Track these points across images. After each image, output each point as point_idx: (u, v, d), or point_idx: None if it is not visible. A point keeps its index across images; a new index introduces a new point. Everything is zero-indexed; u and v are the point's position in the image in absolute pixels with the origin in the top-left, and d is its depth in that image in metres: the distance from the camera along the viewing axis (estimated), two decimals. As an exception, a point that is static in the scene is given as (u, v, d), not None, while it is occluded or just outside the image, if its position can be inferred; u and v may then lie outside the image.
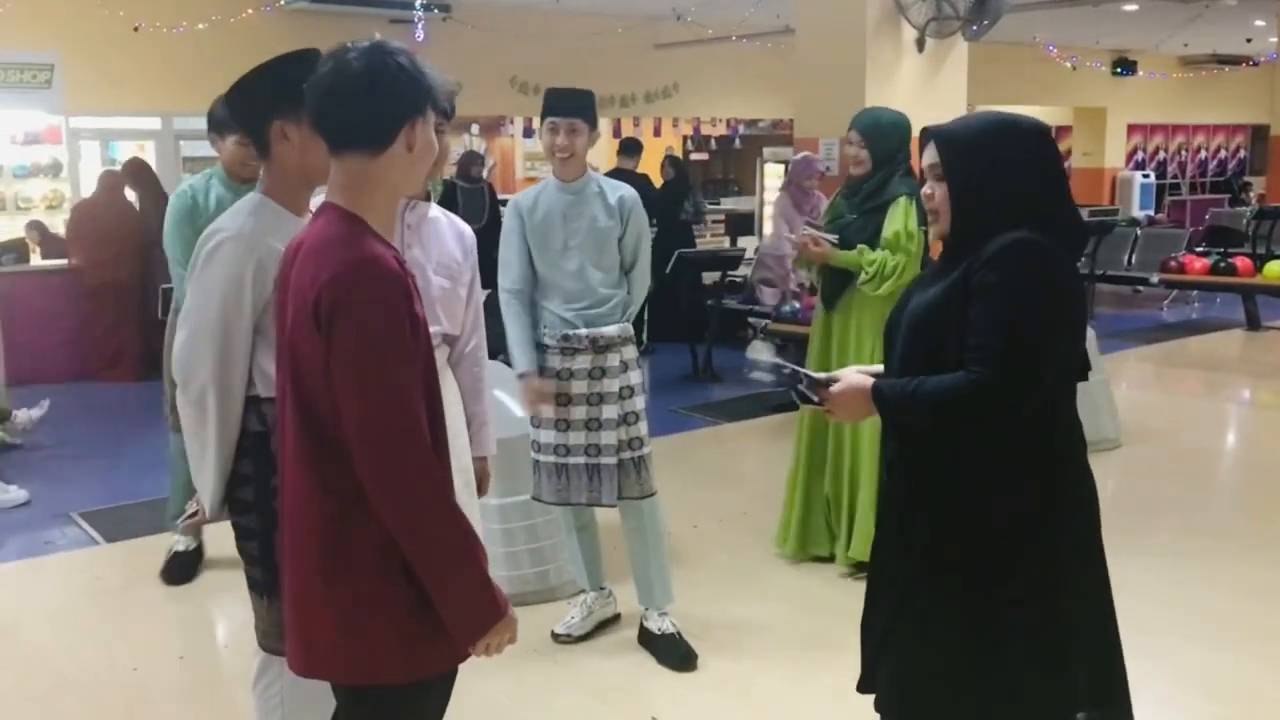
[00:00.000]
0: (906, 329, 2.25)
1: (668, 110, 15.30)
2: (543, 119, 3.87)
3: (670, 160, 12.06)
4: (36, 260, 9.21)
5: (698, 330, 9.21)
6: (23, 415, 6.79)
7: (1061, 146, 20.92)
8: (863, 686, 2.36)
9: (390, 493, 1.93)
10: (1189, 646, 4.07)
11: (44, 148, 10.42)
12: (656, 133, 16.04)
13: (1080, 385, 6.33)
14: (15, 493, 5.88)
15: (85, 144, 10.85)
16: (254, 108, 2.47)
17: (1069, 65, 16.70)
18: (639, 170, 10.02)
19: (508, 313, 3.95)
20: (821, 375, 2.36)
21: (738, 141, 18.21)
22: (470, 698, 3.63)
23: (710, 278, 10.13)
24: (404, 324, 1.95)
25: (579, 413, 3.87)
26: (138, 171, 9.13)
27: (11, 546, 5.31)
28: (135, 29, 9.92)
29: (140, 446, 6.79)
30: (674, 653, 3.93)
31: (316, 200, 2.33)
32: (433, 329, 2.95)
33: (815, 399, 2.34)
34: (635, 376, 3.97)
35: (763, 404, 7.97)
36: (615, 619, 4.23)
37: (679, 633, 3.99)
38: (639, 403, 3.96)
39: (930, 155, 2.25)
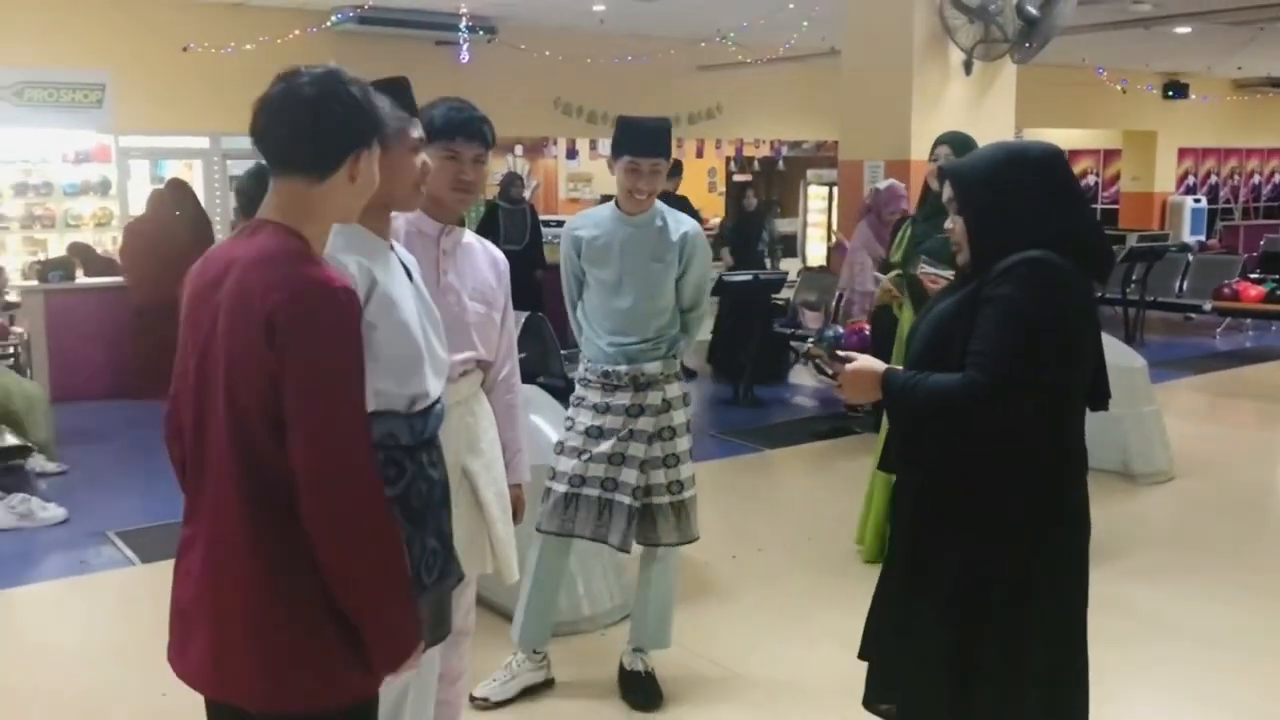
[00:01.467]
0: (920, 336, 2.38)
1: (710, 132, 15.25)
2: (617, 153, 3.61)
3: (747, 187, 11.91)
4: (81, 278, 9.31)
5: (738, 355, 9.10)
6: (39, 466, 6.67)
7: (1110, 171, 20.68)
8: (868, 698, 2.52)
9: (337, 520, 1.88)
10: (1234, 683, 3.92)
11: (94, 166, 10.56)
12: (699, 154, 16.01)
13: (1132, 416, 6.22)
14: (53, 510, 5.90)
15: (134, 163, 10.98)
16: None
17: (1119, 88, 16.49)
18: (679, 193, 9.92)
19: (574, 328, 3.88)
20: (842, 352, 2.47)
21: (781, 163, 18.15)
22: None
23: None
24: (361, 345, 1.93)
25: (605, 446, 3.69)
26: (178, 190, 9.21)
27: (48, 565, 5.32)
28: (184, 50, 10.03)
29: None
30: (638, 690, 3.82)
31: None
32: (467, 354, 2.93)
33: (830, 372, 2.45)
34: (680, 416, 3.78)
35: (806, 430, 7.86)
36: (548, 684, 3.90)
37: (650, 672, 3.86)
38: (682, 444, 3.78)
39: (947, 191, 2.41)
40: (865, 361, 2.42)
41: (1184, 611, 4.61)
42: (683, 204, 9.45)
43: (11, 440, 6.40)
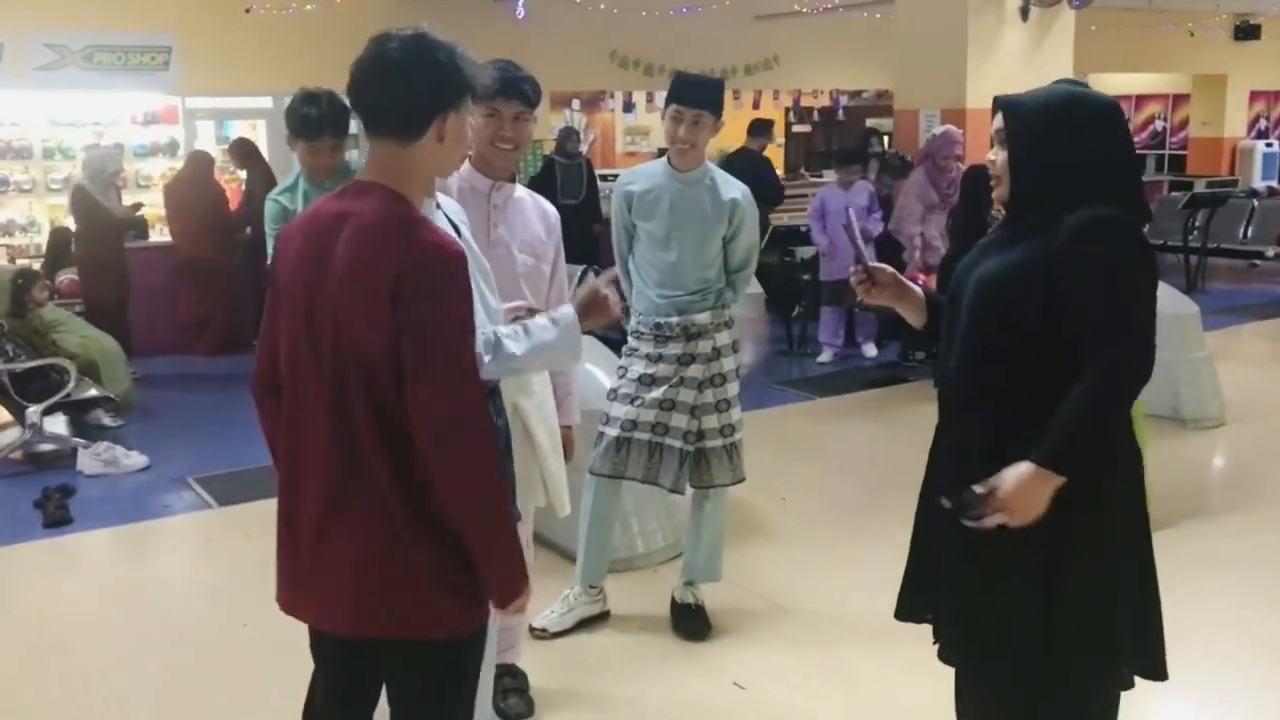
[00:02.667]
0: (975, 296, 2.28)
1: (768, 83, 15.19)
2: (667, 104, 3.77)
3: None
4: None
5: (791, 304, 9.17)
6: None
7: (1178, 116, 20.25)
8: (901, 613, 2.51)
9: (457, 461, 2.01)
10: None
11: (162, 128, 10.81)
12: (756, 105, 15.96)
13: (1183, 361, 6.21)
14: (136, 458, 6.20)
15: (201, 123, 11.24)
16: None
17: (1188, 30, 16.12)
18: (764, 154, 9.79)
19: (623, 281, 3.97)
20: (979, 488, 2.21)
21: (841, 113, 18.03)
22: (569, 653, 3.79)
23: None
24: (472, 300, 2.07)
25: (656, 393, 3.83)
26: (243, 150, 9.42)
27: (132, 508, 5.61)
28: (247, 11, 10.24)
29: (246, 416, 7.09)
30: (688, 622, 4.00)
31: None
32: (517, 303, 3.08)
33: (979, 514, 2.20)
34: (729, 363, 3.92)
35: (857, 380, 7.95)
36: (603, 616, 4.11)
37: (699, 605, 4.03)
38: (731, 390, 3.92)
39: (997, 121, 2.33)
40: (1009, 479, 2.17)
41: (1223, 546, 4.69)
42: (764, 167, 9.39)
43: (94, 391, 6.72)
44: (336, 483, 2.09)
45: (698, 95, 3.75)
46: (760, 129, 9.76)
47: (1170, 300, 6.68)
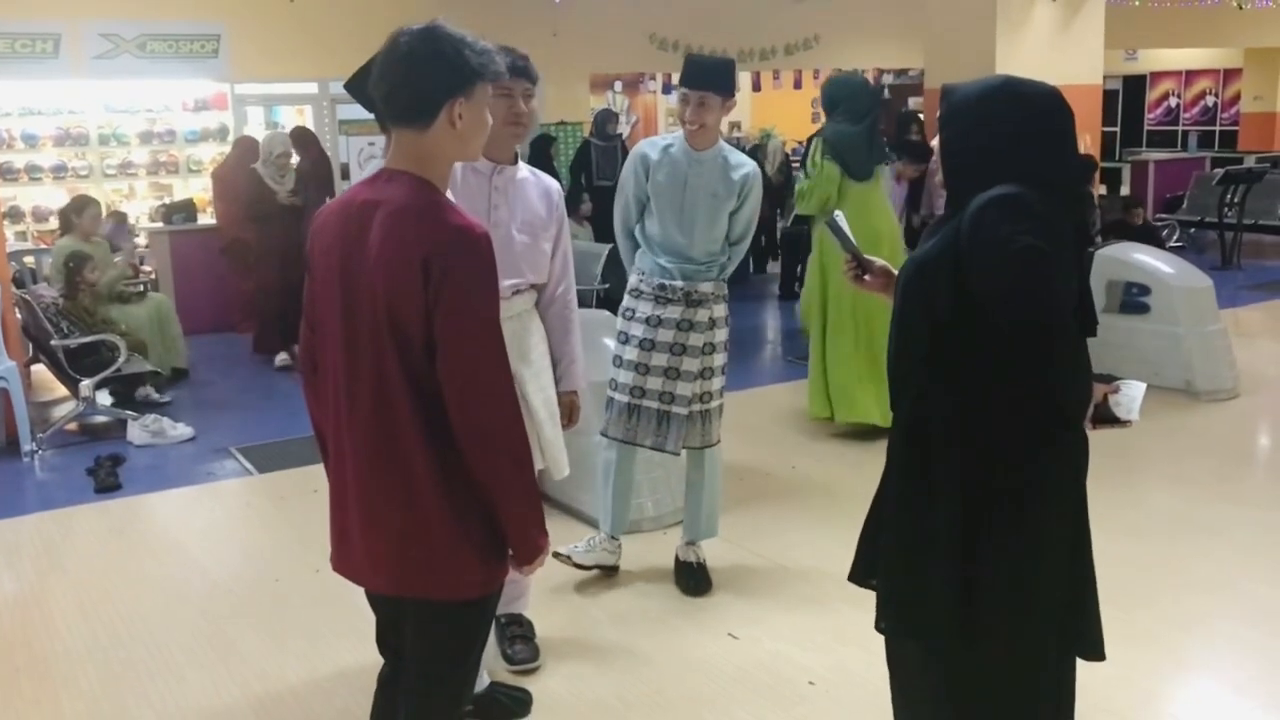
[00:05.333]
0: (904, 282, 2.38)
1: (808, 62, 15.25)
2: (679, 86, 3.98)
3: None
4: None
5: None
6: (145, 393, 7.26)
7: (1230, 91, 19.98)
8: (853, 575, 2.57)
9: (489, 423, 2.17)
10: (1267, 590, 4.14)
11: (212, 114, 11.20)
12: (797, 85, 16.04)
13: (1196, 334, 6.26)
14: (183, 429, 6.54)
15: (250, 109, 11.60)
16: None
17: (1234, 4, 15.93)
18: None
19: (622, 248, 4.19)
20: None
21: (885, 92, 18.03)
22: (575, 605, 4.01)
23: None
24: (497, 277, 2.24)
25: (660, 359, 4.01)
26: (301, 138, 9.67)
27: (178, 475, 5.93)
28: (292, 0, 10.55)
29: (287, 391, 7.45)
30: (689, 578, 4.21)
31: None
32: (515, 280, 3.30)
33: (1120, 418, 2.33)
34: (720, 335, 4.10)
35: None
36: (613, 570, 4.31)
37: (701, 563, 4.25)
38: (718, 360, 4.11)
39: (939, 108, 2.42)
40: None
41: (1220, 513, 4.81)
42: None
43: (144, 366, 7.08)
44: (376, 453, 2.23)
45: (703, 77, 3.93)
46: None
47: (1184, 274, 6.77)
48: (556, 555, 4.14)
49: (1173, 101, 20.84)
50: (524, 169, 3.42)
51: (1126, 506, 4.85)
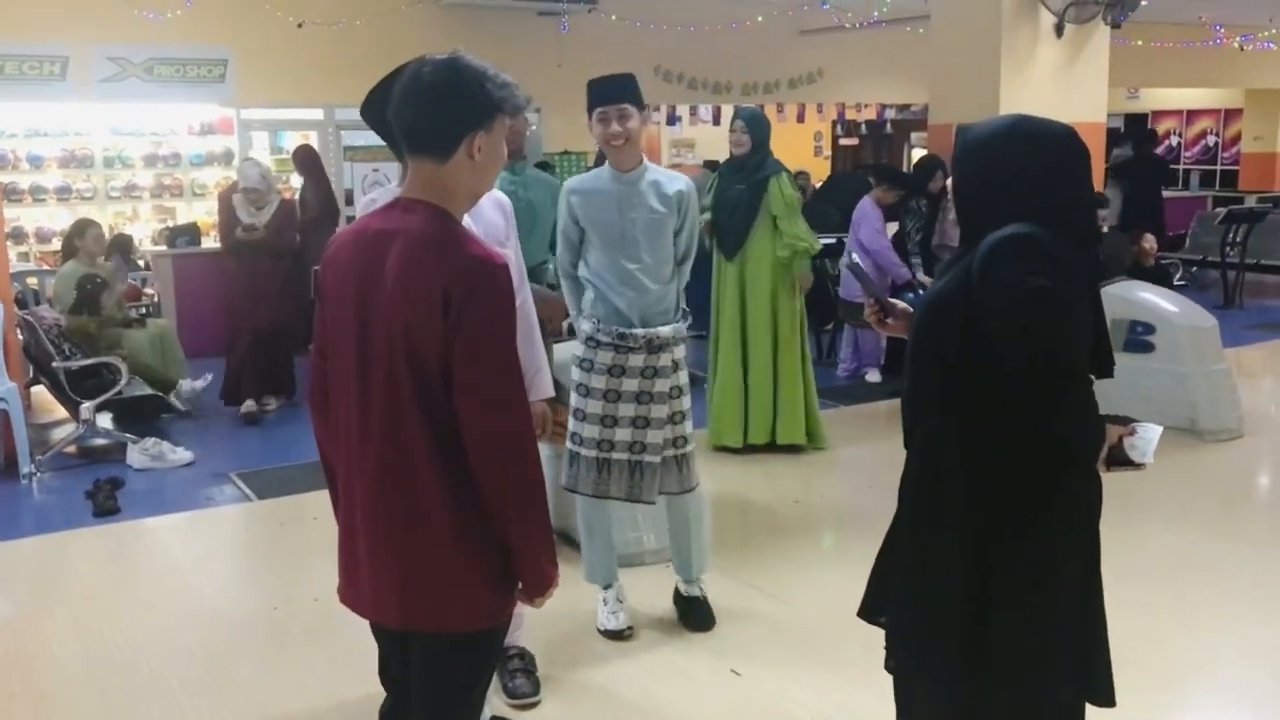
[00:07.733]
0: (918, 320, 2.39)
1: (812, 96, 15.31)
2: (589, 112, 3.86)
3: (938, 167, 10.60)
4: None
5: (826, 317, 9.26)
6: (186, 386, 7.45)
7: (1231, 130, 20.08)
8: (862, 611, 2.57)
9: (506, 456, 2.16)
10: (1272, 631, 4.11)
11: (218, 138, 11.22)
12: (800, 119, 16.10)
13: (1200, 373, 6.20)
14: (182, 454, 6.51)
15: (255, 134, 11.63)
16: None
17: (1236, 44, 16.04)
18: None
19: (566, 290, 4.09)
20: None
21: (888, 126, 18.12)
22: (576, 639, 3.97)
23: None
24: (515, 307, 2.23)
25: (627, 410, 3.88)
26: (304, 158, 9.69)
27: (177, 500, 5.90)
28: (299, 26, 10.60)
29: (287, 417, 7.42)
30: (694, 614, 4.17)
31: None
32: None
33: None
34: (684, 376, 4.02)
35: (881, 389, 8.07)
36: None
37: (704, 598, 4.20)
38: (685, 402, 4.02)
39: (954, 147, 2.42)
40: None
41: (1223, 557, 4.78)
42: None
43: (146, 390, 7.06)
44: (387, 482, 2.21)
45: (616, 91, 3.86)
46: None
47: (1189, 313, 6.77)
48: (605, 633, 4.08)
49: (1174, 140, 20.94)
50: None
51: (1130, 547, 4.80)
